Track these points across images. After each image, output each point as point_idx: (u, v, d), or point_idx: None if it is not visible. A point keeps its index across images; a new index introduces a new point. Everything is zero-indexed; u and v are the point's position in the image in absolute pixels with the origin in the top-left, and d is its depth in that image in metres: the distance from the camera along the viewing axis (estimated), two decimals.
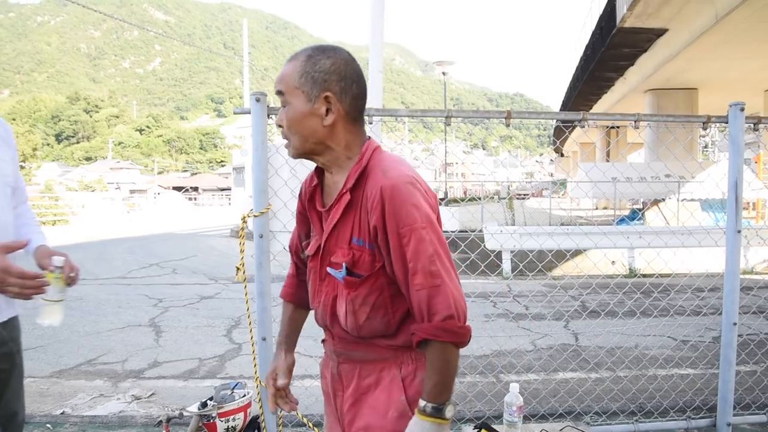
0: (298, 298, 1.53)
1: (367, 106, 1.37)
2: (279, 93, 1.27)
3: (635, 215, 14.52)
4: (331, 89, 1.22)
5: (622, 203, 19.11)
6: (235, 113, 2.52)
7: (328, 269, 1.29)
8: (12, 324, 1.68)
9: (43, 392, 4.00)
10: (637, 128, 3.01)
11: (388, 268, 1.21)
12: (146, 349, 5.15)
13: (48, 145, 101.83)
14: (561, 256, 9.40)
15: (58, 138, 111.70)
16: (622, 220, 14.21)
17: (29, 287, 1.45)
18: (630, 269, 9.72)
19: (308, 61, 1.23)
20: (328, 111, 1.23)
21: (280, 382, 1.44)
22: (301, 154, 1.29)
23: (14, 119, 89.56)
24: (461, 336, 1.17)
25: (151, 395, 3.93)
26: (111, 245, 14.63)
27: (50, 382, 4.24)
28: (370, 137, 1.32)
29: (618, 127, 24.81)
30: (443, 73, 23.29)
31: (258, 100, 2.37)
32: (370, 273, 1.23)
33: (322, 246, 1.30)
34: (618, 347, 5.00)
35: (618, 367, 4.38)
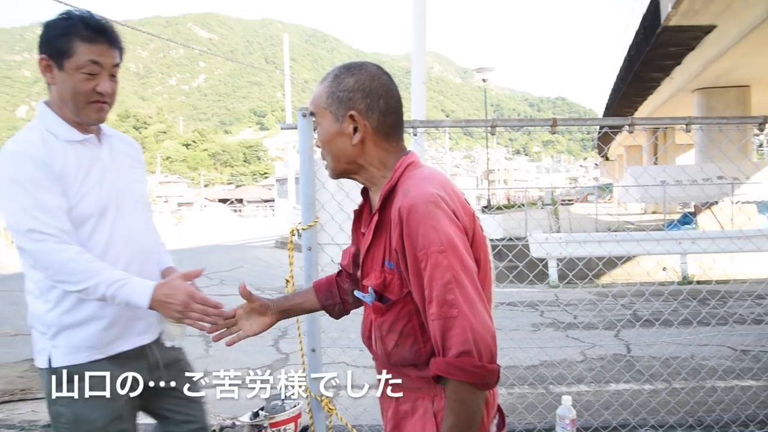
0: (319, 287, 1.55)
1: (413, 117, 1.36)
2: (312, 114, 1.29)
3: (687, 220, 14.00)
4: (356, 107, 1.21)
5: (671, 207, 18.46)
6: (282, 129, 2.57)
7: (355, 292, 1.28)
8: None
9: None
10: (689, 131, 2.92)
11: (413, 294, 1.16)
12: (197, 359, 5.27)
13: None
14: (610, 263, 9.14)
15: None
16: (673, 225, 13.74)
17: (210, 315, 1.47)
18: (683, 276, 9.37)
19: (334, 81, 1.23)
20: (355, 130, 1.21)
21: (239, 310, 1.51)
22: (337, 174, 1.29)
23: None
24: (479, 376, 1.04)
25: None
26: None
27: None
28: (410, 151, 1.27)
29: (666, 129, 24.09)
30: (483, 80, 23.22)
31: (305, 116, 2.41)
32: (398, 298, 1.18)
33: (361, 268, 1.28)
34: (673, 358, 4.82)
35: (674, 379, 4.22)
